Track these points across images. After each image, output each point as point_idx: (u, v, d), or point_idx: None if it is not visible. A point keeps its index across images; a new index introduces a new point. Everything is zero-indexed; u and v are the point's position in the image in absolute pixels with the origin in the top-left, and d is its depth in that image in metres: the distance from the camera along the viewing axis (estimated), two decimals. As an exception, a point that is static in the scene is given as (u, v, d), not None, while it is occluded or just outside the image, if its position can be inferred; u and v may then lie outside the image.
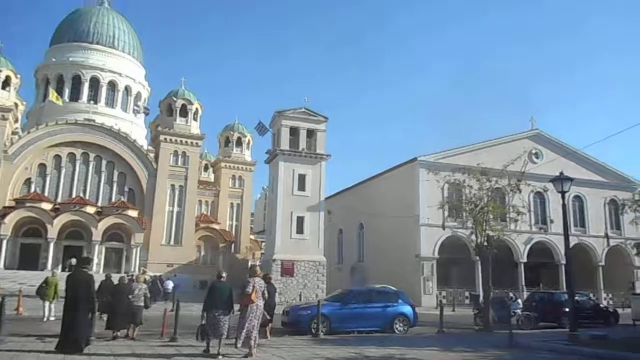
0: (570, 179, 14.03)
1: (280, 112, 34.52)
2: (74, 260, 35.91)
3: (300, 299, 29.35)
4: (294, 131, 34.66)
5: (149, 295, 13.26)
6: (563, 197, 13.73)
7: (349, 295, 16.92)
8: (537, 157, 37.26)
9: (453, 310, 28.41)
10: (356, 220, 43.31)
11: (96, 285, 11.42)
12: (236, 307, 10.41)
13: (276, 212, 33.12)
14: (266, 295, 10.73)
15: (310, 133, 35.12)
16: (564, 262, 37.50)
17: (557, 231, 37.93)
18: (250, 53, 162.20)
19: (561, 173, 14.13)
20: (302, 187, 33.70)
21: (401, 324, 16.51)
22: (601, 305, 24.47)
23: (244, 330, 9.97)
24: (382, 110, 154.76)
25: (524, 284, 35.71)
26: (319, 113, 35.48)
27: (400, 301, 17.21)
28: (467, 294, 34.78)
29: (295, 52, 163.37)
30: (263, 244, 47.92)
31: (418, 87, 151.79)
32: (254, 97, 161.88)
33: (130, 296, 12.57)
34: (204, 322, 10.43)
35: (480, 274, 34.13)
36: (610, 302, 35.05)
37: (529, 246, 37.10)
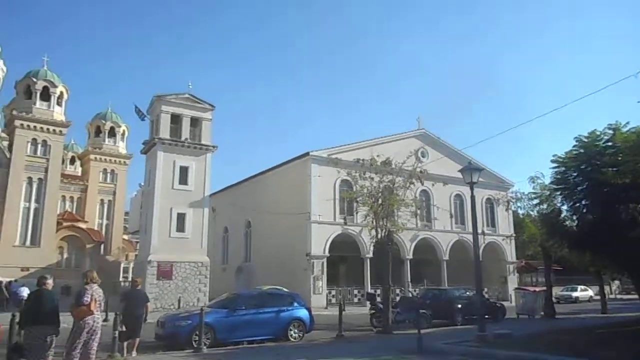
0: (480, 169, 13.31)
1: (160, 96, 30.92)
2: None
3: (179, 305, 26.36)
4: (175, 119, 31.35)
5: None
6: (472, 188, 12.90)
7: (237, 300, 14.61)
8: (423, 156, 37.82)
9: (344, 310, 27.33)
10: (243, 218, 40.90)
11: None
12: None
13: (153, 208, 29.59)
14: (102, 306, 8.97)
15: (195, 122, 32.02)
16: (446, 258, 38.79)
17: (440, 228, 39.14)
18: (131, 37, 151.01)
19: (469, 162, 13.32)
20: (184, 180, 30.52)
21: (297, 330, 14.73)
22: (490, 301, 24.93)
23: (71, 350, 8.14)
24: (273, 102, 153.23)
25: (409, 280, 36.03)
26: (204, 100, 32.47)
27: (295, 304, 15.40)
28: (356, 292, 34.23)
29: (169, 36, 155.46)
30: (138, 244, 43.50)
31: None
32: (133, 85, 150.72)
33: None
34: (18, 340, 8.33)
35: (369, 272, 33.81)
36: (486, 295, 36.58)
37: (414, 243, 37.57)
